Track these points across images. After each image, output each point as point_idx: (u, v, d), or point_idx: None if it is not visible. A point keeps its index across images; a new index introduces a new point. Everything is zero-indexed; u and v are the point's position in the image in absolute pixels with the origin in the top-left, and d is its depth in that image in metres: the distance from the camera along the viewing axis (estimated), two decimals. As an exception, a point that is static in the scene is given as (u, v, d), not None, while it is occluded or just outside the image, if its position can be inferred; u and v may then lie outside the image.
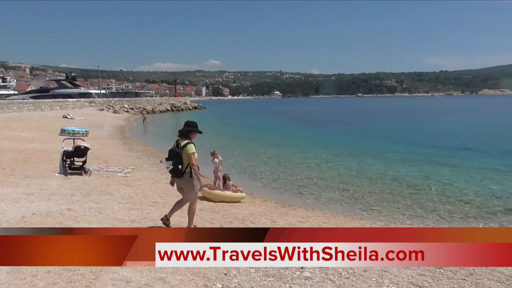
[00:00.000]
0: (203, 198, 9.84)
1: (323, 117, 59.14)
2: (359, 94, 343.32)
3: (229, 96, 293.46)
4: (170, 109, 71.83)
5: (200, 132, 6.59)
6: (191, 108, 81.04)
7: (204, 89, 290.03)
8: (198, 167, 6.24)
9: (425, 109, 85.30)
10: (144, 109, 56.13)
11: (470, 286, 4.84)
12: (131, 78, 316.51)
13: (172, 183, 6.59)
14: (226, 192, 9.92)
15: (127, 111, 55.65)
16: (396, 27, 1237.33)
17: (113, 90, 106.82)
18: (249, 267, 5.15)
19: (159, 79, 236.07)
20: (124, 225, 6.82)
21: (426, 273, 5.21)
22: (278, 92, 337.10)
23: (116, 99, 67.69)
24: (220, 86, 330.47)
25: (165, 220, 6.59)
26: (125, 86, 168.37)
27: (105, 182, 10.51)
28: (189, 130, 6.41)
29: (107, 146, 19.85)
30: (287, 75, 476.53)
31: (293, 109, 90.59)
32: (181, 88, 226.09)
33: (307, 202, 10.71)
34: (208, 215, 8.08)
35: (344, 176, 14.11)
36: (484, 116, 54.77)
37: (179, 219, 7.33)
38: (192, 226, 6.63)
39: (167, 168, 6.35)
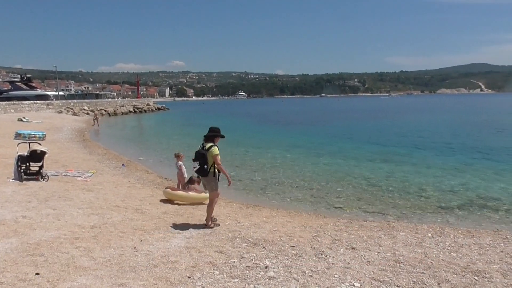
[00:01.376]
0: (167, 200, 9.70)
1: (288, 117, 59.62)
2: (323, 94, 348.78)
3: (193, 97, 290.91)
4: (133, 111, 70.41)
5: (223, 137, 7.38)
6: (154, 109, 79.76)
7: (167, 90, 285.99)
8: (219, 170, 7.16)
9: (386, 108, 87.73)
10: (97, 110, 54.63)
11: (428, 278, 5.00)
12: (91, 79, 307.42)
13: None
14: (190, 193, 9.80)
15: (87, 113, 54.01)
16: (359, 28, 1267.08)
17: (72, 92, 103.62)
18: (213, 270, 5.12)
19: (121, 80, 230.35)
20: (83, 231, 6.61)
21: (387, 268, 5.35)
22: (243, 93, 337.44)
23: (75, 101, 65.57)
24: (184, 87, 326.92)
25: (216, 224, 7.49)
26: (85, 88, 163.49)
27: (63, 187, 10.16)
28: (213, 135, 7.23)
29: (66, 149, 19.20)
30: (252, 76, 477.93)
31: (259, 110, 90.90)
32: (144, 89, 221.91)
33: (272, 202, 10.76)
34: (171, 218, 7.96)
35: (309, 175, 14.28)
36: (442, 115, 56.93)
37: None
38: (210, 223, 7.36)
39: (194, 168, 7.16)
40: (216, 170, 7.10)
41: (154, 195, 10.38)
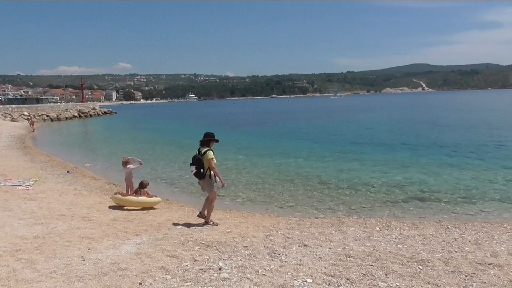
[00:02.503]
0: (116, 207, 9.40)
1: (239, 118, 59.75)
2: (274, 95, 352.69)
3: (141, 100, 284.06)
4: (78, 116, 67.62)
5: (217, 141, 7.90)
6: (100, 113, 77.06)
7: (114, 94, 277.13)
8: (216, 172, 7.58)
9: (334, 107, 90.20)
10: (33, 115, 51.98)
11: (377, 270, 5.17)
12: (31, 83, 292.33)
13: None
14: (140, 197, 9.56)
15: (28, 119, 51.23)
16: (307, 30, 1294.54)
17: (10, 96, 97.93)
18: (165, 275, 5.01)
19: (64, 84, 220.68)
20: (25, 242, 6.24)
21: (338, 263, 5.48)
22: (193, 95, 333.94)
23: (14, 106, 62.01)
24: (132, 90, 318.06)
25: (201, 215, 7.97)
26: (24, 92, 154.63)
27: (2, 197, 9.56)
28: (208, 140, 7.73)
29: (5, 157, 18.10)
30: (202, 78, 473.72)
31: (210, 112, 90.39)
32: (89, 93, 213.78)
33: (225, 203, 10.72)
34: (121, 225, 7.71)
35: (261, 175, 14.38)
36: (387, 113, 59.37)
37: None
38: (209, 221, 7.86)
39: (191, 171, 7.65)
40: (211, 172, 7.54)
41: (102, 202, 10.02)
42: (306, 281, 4.81)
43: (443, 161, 16.06)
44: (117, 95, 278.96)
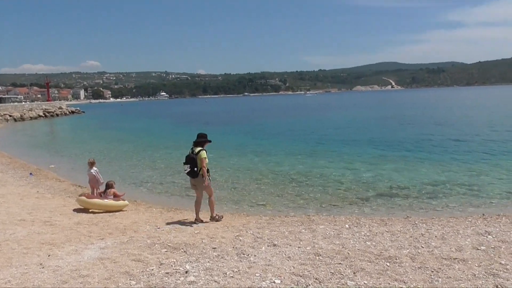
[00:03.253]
0: (81, 209, 9.08)
1: (212, 116, 59.33)
2: (246, 93, 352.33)
3: (111, 98, 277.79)
4: (43, 115, 65.53)
5: (210, 141, 8.21)
6: (67, 113, 74.93)
7: (82, 92, 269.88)
8: (208, 170, 7.93)
9: (307, 105, 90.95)
10: None
11: (345, 268, 5.15)
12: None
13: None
14: (106, 200, 9.26)
15: (-10, 119, 49.28)
16: (278, 28, 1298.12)
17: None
18: (129, 280, 4.83)
19: (29, 83, 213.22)
20: (-20, 250, 5.91)
21: (307, 262, 5.43)
22: (164, 93, 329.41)
23: (-26, 106, 59.48)
24: (101, 89, 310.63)
25: (198, 221, 8.08)
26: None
27: (-42, 202, 9.07)
28: (202, 140, 8.05)
29: (-36, 160, 17.27)
30: (173, 76, 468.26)
31: (181, 110, 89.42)
32: (56, 92, 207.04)
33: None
34: (85, 229, 7.44)
35: (231, 174, 14.24)
36: (357, 111, 60.29)
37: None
38: (215, 215, 8.22)
39: (185, 170, 7.92)
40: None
41: (67, 205, 9.68)
42: (274, 282, 4.74)
43: (411, 158, 16.37)
44: (86, 94, 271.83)
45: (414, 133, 25.64)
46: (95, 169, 10.37)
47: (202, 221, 8.08)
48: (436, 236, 6.63)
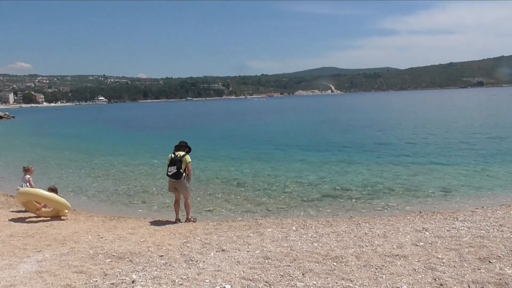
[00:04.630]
0: (14, 221, 8.47)
1: (153, 122, 58.04)
2: (189, 98, 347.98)
3: (44, 103, 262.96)
4: (-33, 121, 60.63)
5: (190, 150, 8.90)
6: (-5, 118, 69.86)
7: (11, 96, 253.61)
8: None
9: (250, 110, 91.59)
10: None
11: (294, 270, 5.22)
12: None
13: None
14: (50, 193, 8.82)
15: None
16: (220, 32, 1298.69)
17: None
18: (71, 294, 4.57)
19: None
20: None
21: (256, 266, 5.43)
22: (102, 98, 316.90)
23: None
24: (33, 92, 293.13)
25: (177, 220, 8.62)
26: None
27: None
28: (184, 146, 8.79)
29: None
30: (112, 79, 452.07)
31: (121, 115, 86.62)
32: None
33: (139, 211, 10.24)
34: (19, 241, 6.95)
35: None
36: (299, 115, 61.72)
37: None
38: (190, 217, 8.70)
39: (169, 172, 8.39)
40: (185, 174, 8.43)
41: (-3, 217, 8.99)
42: (224, 287, 4.69)
43: (351, 160, 17.01)
44: (15, 98, 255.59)
45: (354, 136, 26.71)
46: (28, 176, 9.81)
47: (180, 221, 8.58)
48: (378, 235, 6.91)
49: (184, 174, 8.38)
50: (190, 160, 8.59)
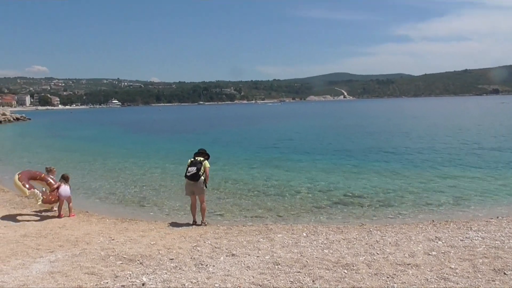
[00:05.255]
0: (27, 222, 8.57)
1: (165, 125, 58.43)
2: (201, 102, 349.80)
3: (60, 105, 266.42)
4: (-15, 122, 61.71)
5: (209, 156, 9.24)
6: (12, 119, 70.87)
7: (28, 98, 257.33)
8: None
9: (262, 114, 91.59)
10: None
11: (304, 277, 5.19)
12: None
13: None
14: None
15: None
16: (232, 37, 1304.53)
17: None
18: (82, 295, 4.60)
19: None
20: None
21: (266, 271, 5.42)
22: (116, 101, 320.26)
23: None
24: (48, 95, 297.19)
25: (194, 223, 8.89)
26: None
27: None
28: (203, 153, 9.15)
29: None
30: (126, 83, 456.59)
31: (134, 118, 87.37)
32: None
33: (150, 214, 10.29)
34: (33, 241, 7.04)
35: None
36: (312, 120, 61.47)
37: None
38: (205, 221, 8.86)
39: (189, 172, 8.72)
40: (203, 178, 8.72)
41: (12, 217, 9.12)
42: (234, 293, 4.69)
43: (363, 167, 16.86)
44: (32, 100, 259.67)
45: (366, 142, 26.49)
46: (51, 177, 10.06)
47: (197, 224, 8.81)
48: (390, 243, 6.84)
49: (202, 177, 8.65)
50: (209, 165, 8.91)
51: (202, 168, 8.66)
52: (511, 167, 15.79)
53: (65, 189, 9.40)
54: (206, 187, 8.87)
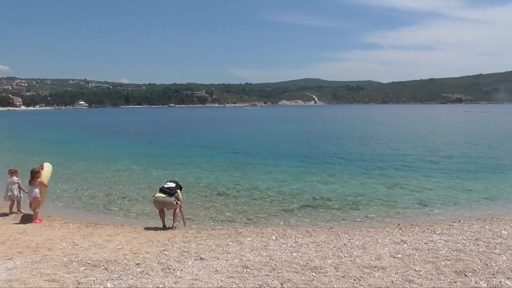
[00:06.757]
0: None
1: (134, 127, 57.40)
2: (172, 105, 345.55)
3: (22, 106, 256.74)
4: None
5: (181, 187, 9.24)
6: (-30, 120, 67.90)
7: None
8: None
9: (233, 118, 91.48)
10: None
11: (273, 280, 5.17)
12: None
13: None
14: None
15: None
16: (204, 39, 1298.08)
17: None
18: None
19: None
20: None
21: (234, 275, 5.37)
22: (83, 102, 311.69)
23: None
24: (10, 95, 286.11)
25: (164, 227, 8.75)
26: None
27: None
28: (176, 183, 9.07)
29: None
30: (93, 84, 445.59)
31: (102, 120, 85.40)
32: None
33: (116, 218, 10.04)
34: (-10, 247, 6.70)
35: (156, 187, 13.74)
36: (283, 124, 61.85)
37: None
38: (175, 225, 8.77)
39: (165, 186, 8.85)
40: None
41: (-33, 222, 8.69)
42: (201, 298, 4.61)
43: (332, 171, 17.11)
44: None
45: (334, 148, 26.89)
46: (17, 179, 9.76)
47: (166, 227, 8.69)
48: (357, 246, 6.93)
49: (174, 198, 8.62)
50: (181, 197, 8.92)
51: (176, 195, 8.68)
52: (472, 173, 16.39)
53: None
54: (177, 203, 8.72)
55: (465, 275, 5.28)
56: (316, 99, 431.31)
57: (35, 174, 9.13)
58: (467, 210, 10.65)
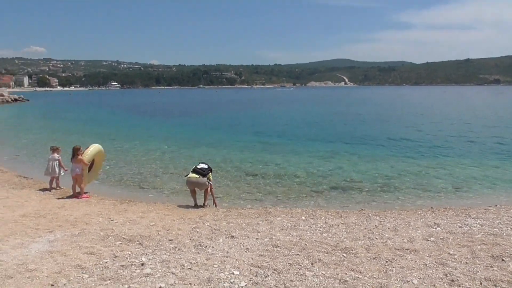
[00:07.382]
0: (26, 202, 8.57)
1: (165, 108, 58.19)
2: (201, 86, 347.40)
3: (58, 87, 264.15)
4: (-18, 102, 61.25)
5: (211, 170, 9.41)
6: (10, 100, 70.26)
7: (26, 79, 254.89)
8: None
9: (262, 99, 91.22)
10: None
11: (303, 259, 5.20)
12: None
13: None
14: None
15: None
16: (234, 21, 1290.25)
17: None
18: (82, 274, 4.61)
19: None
20: None
21: (265, 253, 5.43)
22: (116, 83, 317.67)
23: None
24: (47, 76, 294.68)
25: (195, 205, 9.00)
26: None
27: None
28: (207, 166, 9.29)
29: None
30: (125, 65, 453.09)
31: (134, 101, 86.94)
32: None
33: (149, 196, 10.30)
34: (31, 221, 7.03)
35: (186, 166, 13.95)
36: (313, 106, 61.24)
37: None
38: (206, 204, 9.03)
39: (198, 166, 9.12)
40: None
41: (10, 197, 9.13)
42: (233, 273, 4.69)
43: (363, 153, 16.86)
44: (30, 81, 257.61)
45: (366, 129, 26.46)
46: (58, 156, 10.17)
47: (197, 206, 8.94)
48: (389, 228, 6.85)
49: (207, 178, 8.87)
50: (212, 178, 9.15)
51: (208, 175, 8.94)
52: (509, 157, 15.79)
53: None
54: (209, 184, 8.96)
55: (502, 260, 5.14)
56: (347, 80, 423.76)
57: (76, 152, 9.46)
58: (503, 195, 10.31)
